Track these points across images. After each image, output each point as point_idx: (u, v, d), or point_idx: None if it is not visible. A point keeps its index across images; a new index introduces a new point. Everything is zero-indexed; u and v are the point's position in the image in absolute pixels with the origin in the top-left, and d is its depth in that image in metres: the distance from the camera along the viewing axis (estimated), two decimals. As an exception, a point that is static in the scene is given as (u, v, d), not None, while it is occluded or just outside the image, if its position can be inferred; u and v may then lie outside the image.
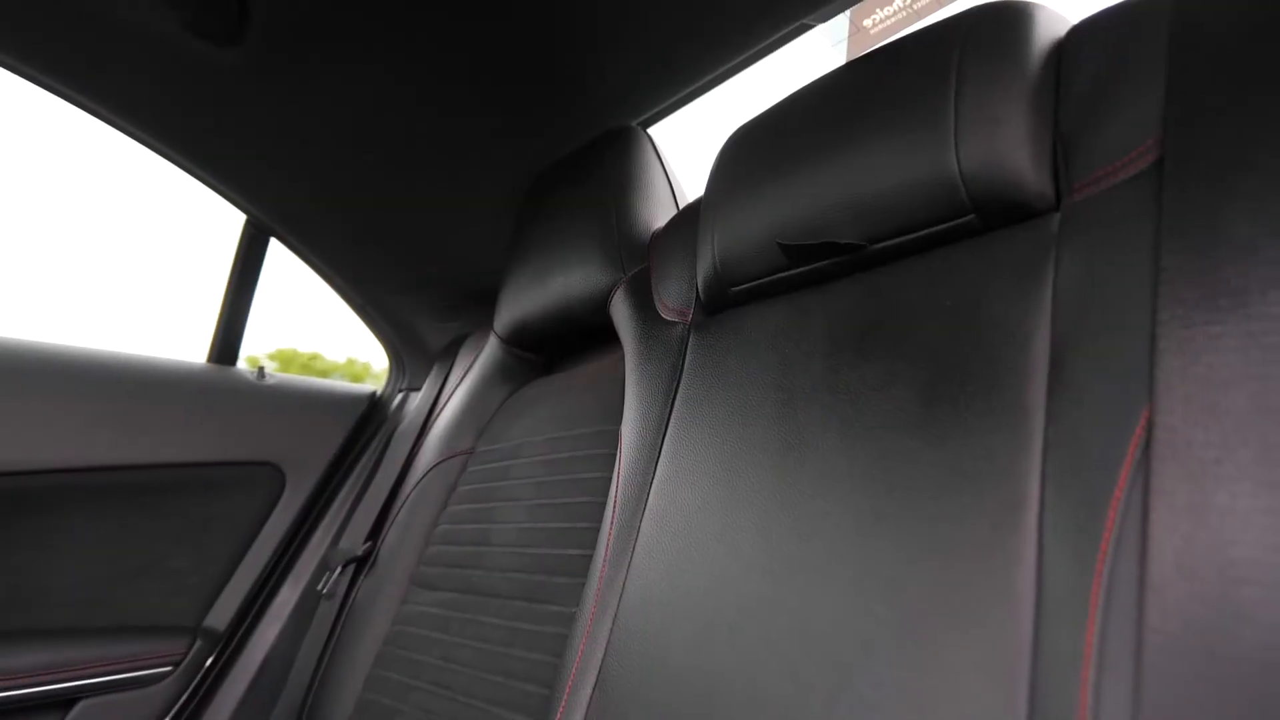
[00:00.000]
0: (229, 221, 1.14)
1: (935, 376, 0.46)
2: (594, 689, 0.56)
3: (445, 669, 0.75)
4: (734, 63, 0.88)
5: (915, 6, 0.82)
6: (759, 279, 0.62)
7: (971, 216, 0.49)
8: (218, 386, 1.12)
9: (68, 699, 0.91)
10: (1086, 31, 0.49)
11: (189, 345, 1.16)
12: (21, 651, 0.90)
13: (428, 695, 0.75)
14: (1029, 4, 0.51)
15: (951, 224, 0.50)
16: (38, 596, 0.95)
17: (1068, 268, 0.43)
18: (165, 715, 0.98)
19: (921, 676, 0.39)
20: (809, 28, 0.85)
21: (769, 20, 0.83)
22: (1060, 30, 0.50)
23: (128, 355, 1.05)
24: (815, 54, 0.91)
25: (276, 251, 1.17)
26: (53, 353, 0.98)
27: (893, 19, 0.84)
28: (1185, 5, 0.43)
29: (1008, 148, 0.46)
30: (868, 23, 0.85)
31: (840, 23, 0.87)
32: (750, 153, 0.64)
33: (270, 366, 1.20)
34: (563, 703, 0.58)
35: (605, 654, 0.57)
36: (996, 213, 0.48)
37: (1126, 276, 0.40)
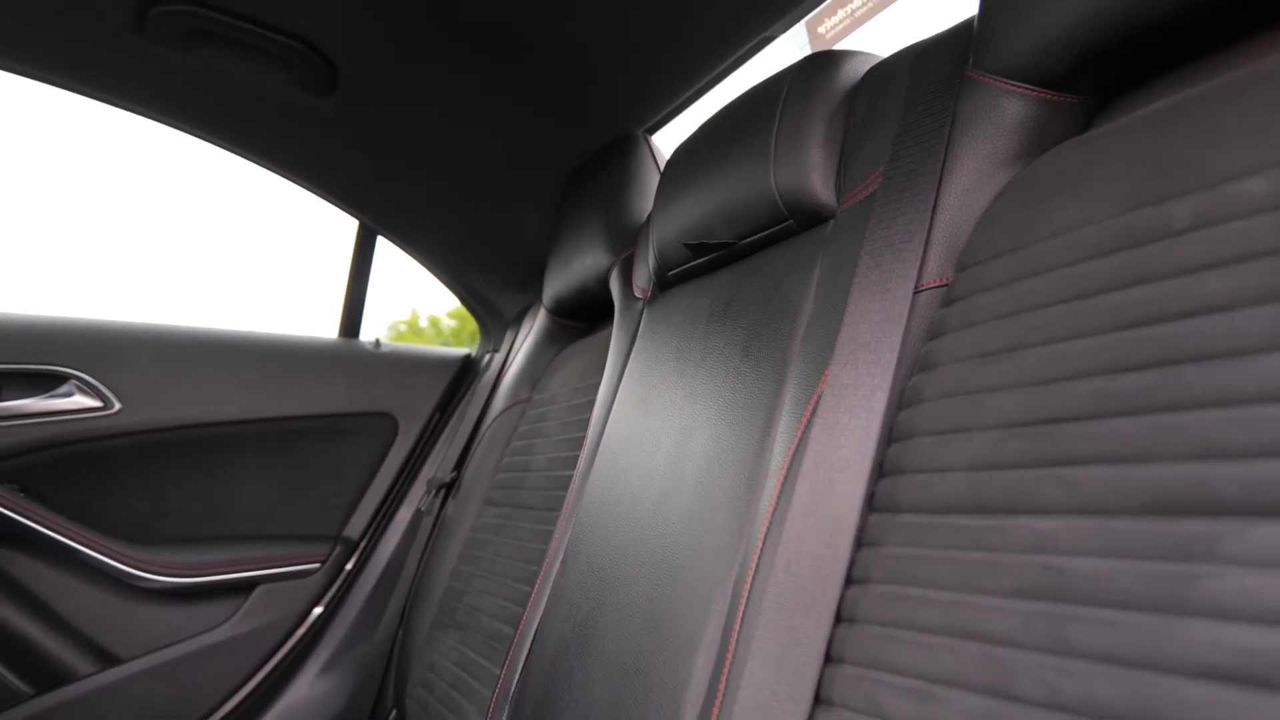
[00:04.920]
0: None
1: (749, 340, 0.65)
2: (560, 563, 0.80)
3: (495, 560, 1.01)
4: (712, 75, 1.06)
5: (856, 14, 0.96)
6: (680, 267, 0.82)
7: (790, 222, 0.67)
8: (345, 354, 1.43)
9: (249, 585, 1.27)
10: (871, 76, 0.65)
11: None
12: (219, 550, 1.26)
13: (483, 580, 1.02)
14: (840, 53, 0.67)
15: (780, 227, 0.68)
16: (226, 513, 1.30)
17: (825, 261, 0.61)
18: (319, 601, 1.32)
19: (707, 535, 0.60)
20: (770, 40, 1.01)
21: (736, 36, 1.00)
22: (860, 73, 0.66)
23: (277, 334, 1.38)
24: (787, 57, 1.07)
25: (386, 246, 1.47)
26: (224, 335, 1.33)
27: (840, 25, 0.98)
28: (919, 61, 0.59)
29: (804, 170, 0.64)
30: (822, 30, 1.00)
31: (800, 31, 1.03)
32: (679, 170, 0.83)
33: (450, 324, 1.52)
34: (540, 575, 0.83)
35: (569, 540, 0.80)
36: (803, 219, 0.66)
37: (847, 269, 0.57)
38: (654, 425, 0.74)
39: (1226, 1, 0.41)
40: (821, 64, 0.68)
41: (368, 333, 1.50)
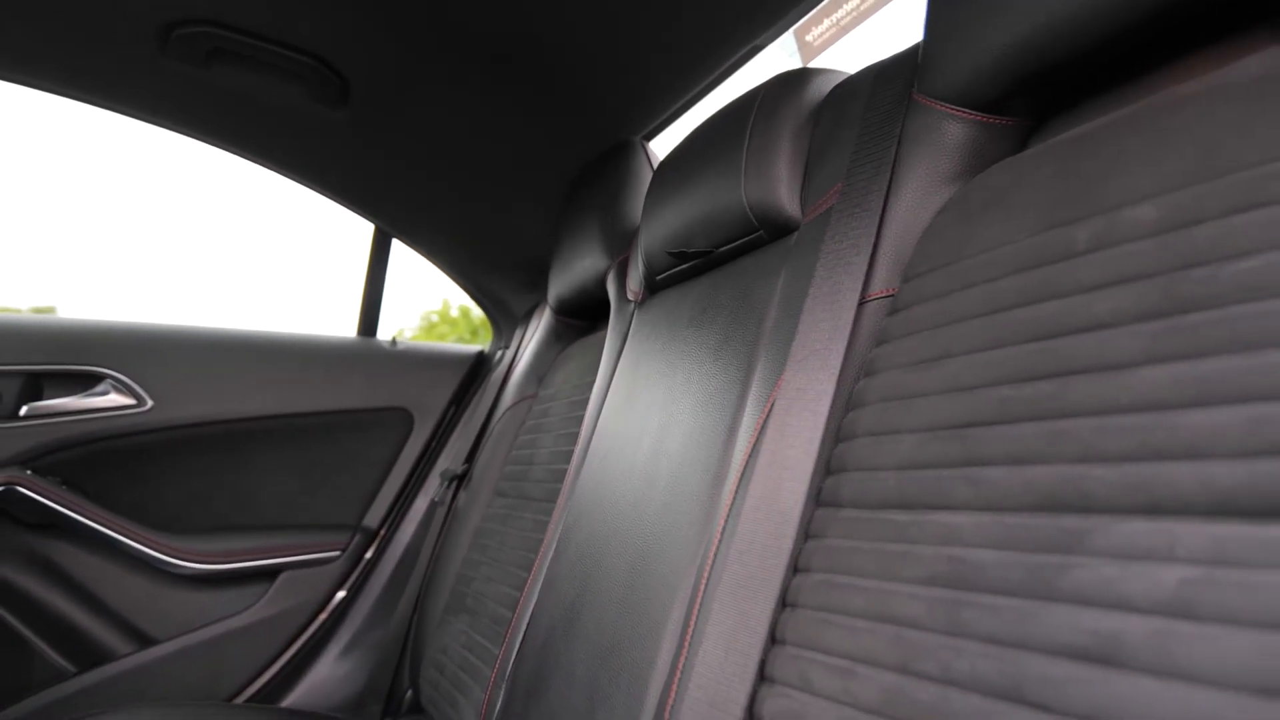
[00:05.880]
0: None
1: (721, 344, 0.70)
2: (554, 552, 0.85)
3: (500, 549, 1.07)
4: (706, 82, 1.10)
5: (841, 23, 0.99)
6: (666, 272, 0.87)
7: (760, 232, 0.71)
8: (363, 352, 1.50)
9: (274, 571, 1.34)
10: (833, 94, 0.68)
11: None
12: (246, 538, 1.33)
13: (489, 567, 1.07)
14: (808, 71, 0.71)
15: (751, 237, 0.72)
16: (252, 504, 1.38)
17: (787, 271, 0.65)
18: (340, 586, 1.39)
19: (676, 528, 0.64)
20: (761, 48, 1.04)
21: (728, 45, 1.04)
22: (825, 91, 0.70)
23: (298, 334, 1.45)
24: (778, 63, 1.10)
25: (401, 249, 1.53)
26: (249, 335, 1.40)
27: (827, 34, 1.01)
28: (875, 82, 0.62)
29: (772, 184, 0.68)
30: (809, 38, 1.03)
31: (789, 39, 1.06)
32: (664, 180, 0.88)
33: (480, 315, 1.60)
34: (536, 560, 0.88)
35: (562, 529, 0.85)
36: (771, 230, 0.70)
37: (803, 280, 0.61)
38: (637, 423, 0.79)
39: (1145, 32, 0.45)
40: (789, 82, 0.71)
41: (401, 323, 1.57)
